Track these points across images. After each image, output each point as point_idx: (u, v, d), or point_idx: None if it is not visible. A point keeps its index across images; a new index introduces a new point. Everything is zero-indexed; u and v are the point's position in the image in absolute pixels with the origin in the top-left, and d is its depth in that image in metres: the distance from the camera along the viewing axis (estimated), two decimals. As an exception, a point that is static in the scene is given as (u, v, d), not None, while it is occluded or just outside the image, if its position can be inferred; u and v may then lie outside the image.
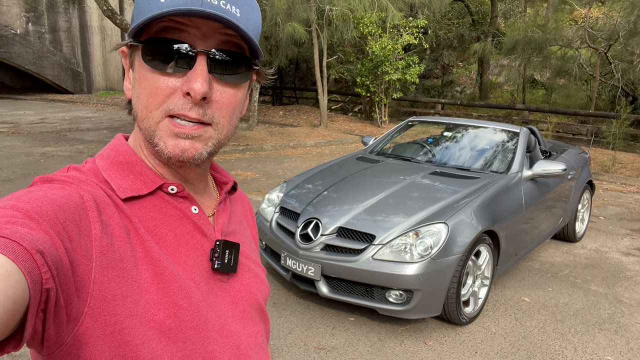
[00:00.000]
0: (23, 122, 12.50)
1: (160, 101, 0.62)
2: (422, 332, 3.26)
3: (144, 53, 0.63)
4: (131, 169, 0.68)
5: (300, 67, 20.30)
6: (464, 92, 19.70)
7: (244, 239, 0.81)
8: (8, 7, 18.25)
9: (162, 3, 0.60)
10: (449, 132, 4.88)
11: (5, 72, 21.63)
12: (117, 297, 0.58)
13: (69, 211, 0.56)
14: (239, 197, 0.88)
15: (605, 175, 8.40)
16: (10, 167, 7.39)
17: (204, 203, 0.76)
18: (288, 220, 3.63)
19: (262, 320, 0.81)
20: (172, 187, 0.69)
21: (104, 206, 0.61)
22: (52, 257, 0.50)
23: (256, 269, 0.81)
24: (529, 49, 12.95)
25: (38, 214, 0.52)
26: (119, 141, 0.72)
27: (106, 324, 0.57)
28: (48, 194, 0.57)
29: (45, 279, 0.48)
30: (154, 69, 0.62)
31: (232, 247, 0.73)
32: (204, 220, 0.72)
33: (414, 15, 14.89)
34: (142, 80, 0.64)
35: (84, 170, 0.66)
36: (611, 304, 3.75)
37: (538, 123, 12.54)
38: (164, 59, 0.62)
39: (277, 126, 13.17)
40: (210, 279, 0.70)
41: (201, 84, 0.60)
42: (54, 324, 0.52)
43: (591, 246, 5.05)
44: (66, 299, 0.53)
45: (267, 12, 10.57)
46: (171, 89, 0.62)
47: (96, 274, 0.57)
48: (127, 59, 0.69)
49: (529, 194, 4.00)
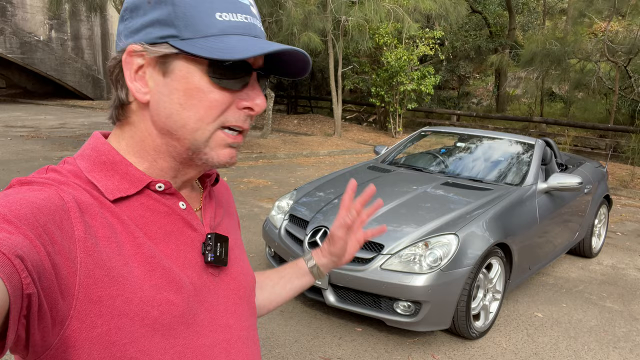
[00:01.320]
0: (43, 127, 12.76)
1: (218, 114, 0.65)
2: (431, 345, 3.20)
3: (210, 68, 0.63)
4: (116, 169, 0.66)
5: (315, 77, 20.40)
6: (480, 104, 19.56)
7: (230, 231, 0.81)
8: (32, 15, 18.75)
9: (220, 22, 0.62)
10: (462, 142, 4.83)
11: (28, 78, 22.16)
12: (104, 297, 0.58)
13: (50, 213, 0.55)
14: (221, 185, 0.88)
15: (624, 190, 8.22)
16: (28, 170, 7.53)
17: (190, 197, 0.76)
18: (297, 227, 3.61)
19: (252, 313, 0.81)
20: (160, 185, 0.69)
21: (86, 207, 0.60)
22: (32, 261, 0.49)
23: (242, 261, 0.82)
24: (547, 61, 12.80)
25: (17, 218, 0.51)
26: (99, 140, 0.69)
27: (93, 326, 0.57)
28: (27, 196, 0.55)
29: (26, 284, 0.47)
30: (215, 84, 0.63)
31: (222, 240, 0.73)
32: (192, 215, 0.72)
33: (430, 26, 14.90)
34: (192, 92, 0.63)
35: (63, 172, 0.64)
36: (627, 322, 3.64)
37: (556, 136, 12.37)
38: (228, 75, 0.64)
39: (291, 135, 13.22)
40: (203, 273, 0.70)
41: (262, 100, 0.67)
42: (39, 328, 0.52)
43: (607, 262, 4.93)
44: (50, 303, 0.52)
45: (283, 22, 10.67)
46: (229, 103, 0.65)
47: (81, 276, 0.56)
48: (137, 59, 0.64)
49: (544, 207, 3.92)
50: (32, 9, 18.71)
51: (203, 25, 0.61)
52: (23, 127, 12.64)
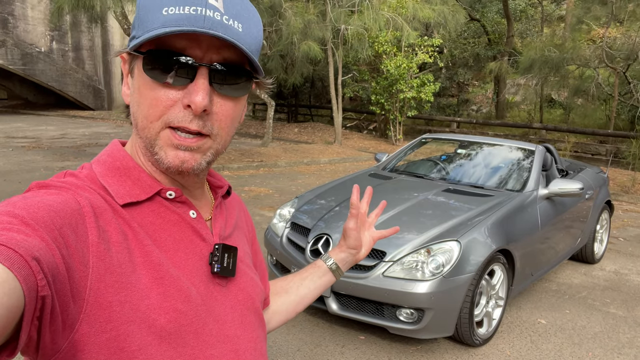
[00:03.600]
0: (44, 137, 12.79)
1: (160, 112, 0.63)
2: (434, 352, 3.18)
3: (145, 64, 0.63)
4: (129, 175, 0.68)
5: (315, 85, 20.48)
6: (479, 111, 19.60)
7: (240, 243, 0.81)
8: (34, 26, 18.87)
9: (164, 16, 0.60)
10: (463, 149, 4.83)
11: (29, 89, 22.26)
12: (113, 303, 0.58)
13: (66, 217, 0.56)
14: (233, 199, 0.88)
15: (625, 195, 8.21)
16: (29, 180, 7.54)
17: (201, 207, 0.76)
18: (299, 235, 3.61)
19: (260, 325, 0.80)
20: (170, 193, 0.69)
21: (101, 212, 0.61)
22: (48, 263, 0.50)
23: (251, 272, 0.81)
24: (545, 68, 12.86)
25: (34, 220, 0.52)
26: (116, 147, 0.72)
27: (102, 331, 0.57)
28: (44, 199, 0.56)
29: (41, 286, 0.48)
30: (154, 80, 0.62)
31: (231, 251, 0.73)
32: (202, 225, 0.72)
33: (429, 34, 14.98)
34: (142, 90, 0.64)
35: (80, 176, 0.66)
36: (631, 328, 3.62)
37: (556, 142, 12.39)
38: (165, 70, 0.62)
39: (292, 143, 13.25)
40: (210, 283, 0.70)
41: (202, 97, 0.61)
42: (50, 330, 0.52)
43: (610, 268, 4.91)
44: (62, 306, 0.52)
45: (283, 31, 10.74)
46: (172, 100, 0.62)
47: (92, 280, 0.56)
48: (126, 65, 0.69)
49: (545, 213, 3.92)
50: (34, 21, 18.84)
51: (149, 22, 0.61)
52: (24, 137, 12.67)
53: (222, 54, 0.63)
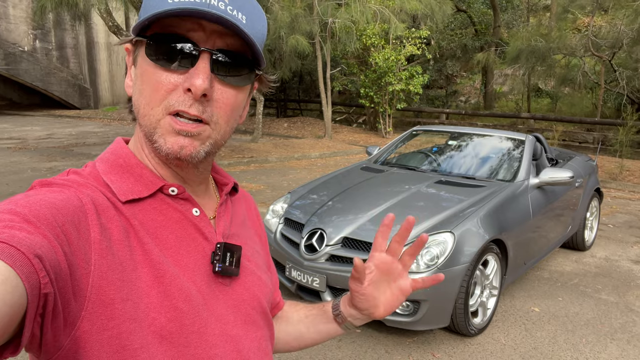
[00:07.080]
0: (30, 138, 12.62)
1: (161, 97, 0.63)
2: (430, 343, 3.20)
3: (148, 48, 0.63)
4: (131, 172, 0.68)
5: (304, 80, 20.41)
6: (468, 102, 19.70)
7: (247, 241, 0.80)
8: (16, 25, 18.55)
9: (169, 3, 0.60)
10: (454, 140, 4.85)
11: (13, 89, 21.91)
12: (115, 300, 0.57)
13: (68, 214, 0.56)
14: (242, 197, 0.87)
15: (613, 182, 8.32)
16: (16, 182, 7.43)
17: (205, 205, 0.75)
18: (292, 231, 3.60)
19: (266, 324, 0.79)
20: (173, 189, 0.69)
21: (103, 209, 0.61)
22: (50, 261, 0.50)
23: (258, 272, 0.79)
24: (532, 58, 12.94)
25: (36, 218, 0.52)
26: (119, 144, 0.72)
27: (104, 328, 0.57)
28: (47, 197, 0.56)
29: (44, 283, 0.48)
30: (157, 65, 0.63)
31: (234, 250, 0.72)
32: (205, 223, 0.71)
33: (416, 26, 14.98)
34: (144, 76, 0.64)
35: (83, 174, 0.66)
36: (623, 313, 3.68)
37: (544, 131, 12.49)
38: (168, 55, 0.62)
39: (282, 138, 13.21)
40: (212, 282, 0.69)
41: (202, 80, 0.61)
42: (52, 328, 0.52)
43: (601, 255, 4.98)
44: (64, 303, 0.52)
45: (270, 26, 10.67)
46: (173, 85, 0.62)
47: (94, 277, 0.56)
48: (130, 56, 0.69)
49: (536, 202, 3.95)
50: (16, 20, 18.51)
51: (154, 9, 0.61)
52: (10, 138, 12.49)
53: (225, 40, 0.64)
